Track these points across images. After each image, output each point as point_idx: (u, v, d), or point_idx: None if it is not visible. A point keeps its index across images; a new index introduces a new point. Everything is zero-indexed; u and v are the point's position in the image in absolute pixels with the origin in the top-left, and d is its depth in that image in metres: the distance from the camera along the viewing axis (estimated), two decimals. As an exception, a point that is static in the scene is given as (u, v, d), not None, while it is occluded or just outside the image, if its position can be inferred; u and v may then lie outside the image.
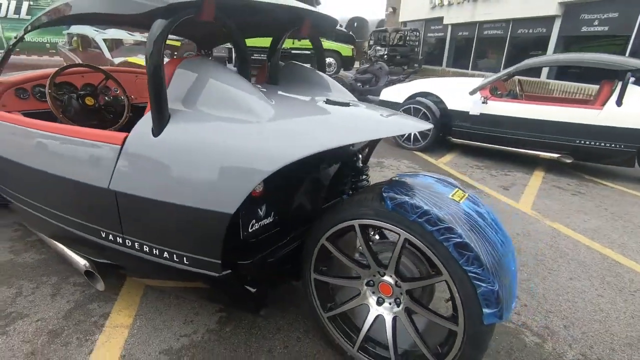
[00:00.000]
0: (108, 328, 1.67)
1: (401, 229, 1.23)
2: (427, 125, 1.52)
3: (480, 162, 4.67)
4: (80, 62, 5.02)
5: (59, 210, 1.70)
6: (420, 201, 1.21)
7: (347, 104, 1.51)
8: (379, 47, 13.77)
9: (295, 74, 1.91)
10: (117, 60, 6.27)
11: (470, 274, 1.12)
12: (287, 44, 12.96)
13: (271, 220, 1.48)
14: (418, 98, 4.96)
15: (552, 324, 1.84)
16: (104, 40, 6.71)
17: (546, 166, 4.57)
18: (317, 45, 1.96)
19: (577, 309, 1.96)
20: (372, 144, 1.89)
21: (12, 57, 2.16)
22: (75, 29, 7.50)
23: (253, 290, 1.43)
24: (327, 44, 13.36)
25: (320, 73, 1.91)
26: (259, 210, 1.40)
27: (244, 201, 1.21)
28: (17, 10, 10.50)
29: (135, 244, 1.46)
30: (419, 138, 4.98)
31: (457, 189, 1.36)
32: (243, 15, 1.65)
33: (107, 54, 6.58)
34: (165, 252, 1.40)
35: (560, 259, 2.47)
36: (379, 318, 1.44)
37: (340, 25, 15.79)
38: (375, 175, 3.95)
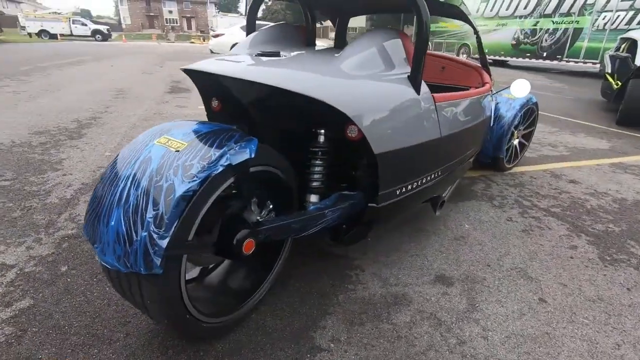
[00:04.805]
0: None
1: None
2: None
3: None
4: None
5: None
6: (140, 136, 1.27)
7: (276, 54, 1.60)
8: None
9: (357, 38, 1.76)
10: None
11: None
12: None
13: None
14: None
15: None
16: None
17: None
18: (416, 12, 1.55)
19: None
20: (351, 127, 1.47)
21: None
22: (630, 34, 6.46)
23: None
24: None
25: (381, 38, 1.62)
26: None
27: (213, 114, 1.79)
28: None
29: None
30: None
31: (177, 141, 1.17)
32: None
33: None
34: None
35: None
36: None
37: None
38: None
